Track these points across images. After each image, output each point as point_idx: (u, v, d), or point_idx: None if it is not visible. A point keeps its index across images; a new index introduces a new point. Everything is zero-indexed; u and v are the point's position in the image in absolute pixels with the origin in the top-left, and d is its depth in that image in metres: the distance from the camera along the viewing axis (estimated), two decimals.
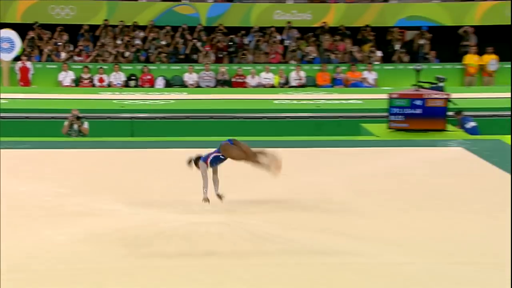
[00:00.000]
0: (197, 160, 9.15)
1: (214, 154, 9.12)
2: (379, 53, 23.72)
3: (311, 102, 18.54)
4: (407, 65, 22.18)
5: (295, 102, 18.64)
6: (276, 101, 18.74)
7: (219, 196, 9.17)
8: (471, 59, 22.61)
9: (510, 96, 18.56)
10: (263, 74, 22.55)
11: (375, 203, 9.79)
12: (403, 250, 7.91)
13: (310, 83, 22.46)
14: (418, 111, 14.73)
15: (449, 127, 14.93)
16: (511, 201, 9.43)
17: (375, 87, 21.88)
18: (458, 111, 15.68)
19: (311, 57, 23.63)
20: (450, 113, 15.06)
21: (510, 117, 16.07)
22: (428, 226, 8.79)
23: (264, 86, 22.29)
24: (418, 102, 14.75)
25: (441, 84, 16.58)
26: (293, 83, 22.33)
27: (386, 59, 23.75)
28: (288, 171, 11.38)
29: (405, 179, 11.08)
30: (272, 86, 22.29)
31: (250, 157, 9.14)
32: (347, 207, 9.50)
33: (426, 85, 15.82)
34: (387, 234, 8.50)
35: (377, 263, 7.56)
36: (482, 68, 22.65)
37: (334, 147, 13.45)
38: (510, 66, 22.72)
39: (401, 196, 10.12)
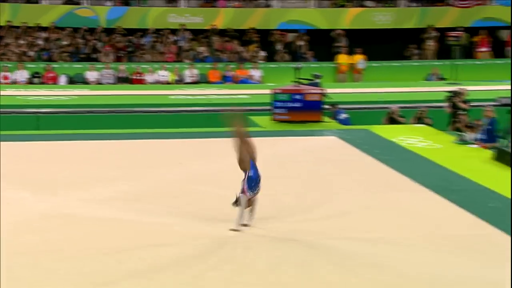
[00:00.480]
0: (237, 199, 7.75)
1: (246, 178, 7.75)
2: (263, 53, 23.94)
3: (204, 97, 18.50)
4: (288, 64, 22.48)
5: (189, 97, 18.54)
6: (171, 97, 18.58)
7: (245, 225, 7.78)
8: (343, 59, 23.18)
9: (377, 91, 19.17)
10: (160, 72, 22.28)
11: (262, 187, 9.86)
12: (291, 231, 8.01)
13: (203, 80, 22.38)
14: (298, 104, 15.00)
15: (325, 118, 15.27)
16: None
17: (260, 83, 22.07)
18: (333, 104, 16.05)
19: (203, 56, 23.57)
20: (325, 106, 15.40)
21: (380, 110, 16.57)
22: (307, 204, 8.94)
23: (160, 83, 22.04)
24: (298, 97, 15.01)
25: (317, 80, 16.91)
26: (187, 80, 22.19)
27: (270, 58, 24.00)
28: (183, 160, 11.37)
29: (288, 165, 11.26)
30: (168, 83, 22.07)
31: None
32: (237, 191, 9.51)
33: (305, 82, 16.10)
34: (269, 211, 8.60)
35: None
36: (352, 67, 23.27)
37: (225, 138, 13.45)
38: (378, 65, 23.47)
39: (284, 179, 10.26)
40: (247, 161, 7.88)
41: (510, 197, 9.13)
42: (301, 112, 14.97)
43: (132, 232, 7.80)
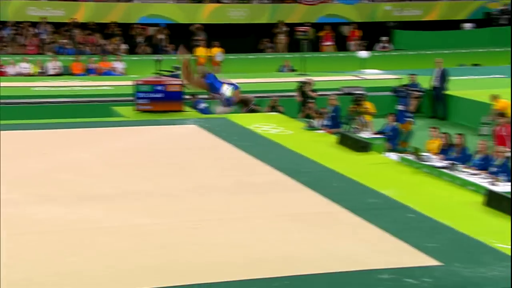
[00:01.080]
0: None
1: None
2: (125, 46, 23.50)
3: (67, 88, 17.88)
4: (149, 56, 22.23)
5: (52, 89, 17.85)
6: (34, 88, 17.79)
7: None
8: (201, 52, 23.24)
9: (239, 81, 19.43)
10: (22, 64, 21.23)
11: (126, 174, 9.78)
12: (147, 213, 7.99)
13: (66, 72, 21.58)
14: (160, 95, 14.94)
15: (186, 108, 15.29)
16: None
17: (123, 75, 21.66)
18: (193, 95, 16.09)
19: (66, 48, 22.74)
20: (186, 97, 15.42)
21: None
22: (168, 191, 8.96)
23: (22, 75, 21.00)
24: (159, 88, 14.95)
25: (178, 72, 16.88)
26: (50, 72, 21.32)
27: (132, 51, 23.61)
28: (47, 150, 10.98)
29: (151, 152, 11.20)
30: (30, 75, 21.08)
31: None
32: (101, 179, 9.37)
33: (166, 73, 16.04)
34: (135, 198, 8.55)
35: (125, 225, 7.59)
36: (211, 59, 23.40)
37: (89, 128, 13.15)
38: (235, 57, 23.77)
39: (148, 167, 10.21)
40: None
41: (354, 178, 9.65)
42: (162, 102, 14.92)
43: None
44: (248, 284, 6.04)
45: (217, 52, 23.30)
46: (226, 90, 7.18)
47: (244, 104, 7.26)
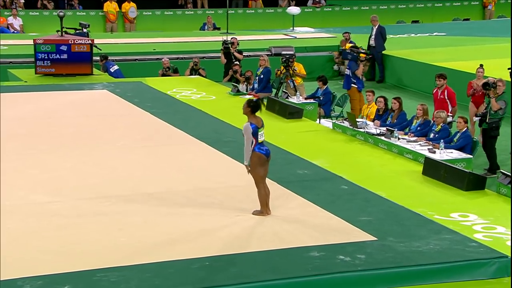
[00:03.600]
0: None
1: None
2: (22, 0, 22.71)
3: None
4: (52, 12, 21.56)
5: None
6: None
7: None
8: (110, 7, 22.71)
9: (151, 41, 19.12)
10: None
11: (24, 146, 9.51)
12: (44, 190, 7.82)
13: None
14: (64, 56, 14.50)
15: (95, 71, 14.96)
16: None
17: (20, 33, 20.94)
18: (103, 56, 15.75)
19: None
20: (95, 58, 15.08)
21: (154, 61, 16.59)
22: (72, 165, 8.77)
23: None
24: (63, 48, 14.50)
25: (85, 30, 16.47)
26: None
27: (31, 5, 22.83)
28: None
29: (54, 121, 10.93)
30: None
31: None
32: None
33: (71, 31, 15.59)
34: (31, 173, 8.34)
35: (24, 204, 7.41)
36: (123, 15, 22.93)
37: None
38: (150, 13, 23.36)
39: (49, 138, 9.96)
40: None
41: (282, 147, 9.71)
42: (67, 64, 14.51)
43: None
44: (165, 266, 6.02)
45: (129, 7, 22.83)
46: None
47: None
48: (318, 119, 12.23)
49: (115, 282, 5.69)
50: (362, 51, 13.98)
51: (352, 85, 13.15)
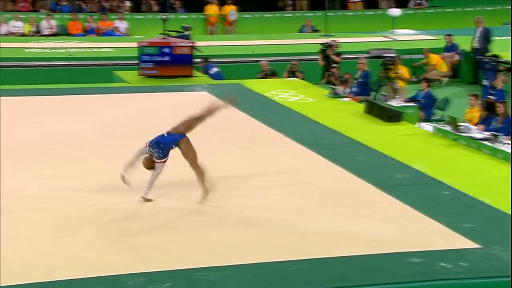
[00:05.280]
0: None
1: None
2: (128, 3, 23.40)
3: (64, 50, 17.88)
4: (155, 15, 22.14)
5: (46, 50, 17.85)
6: (27, 50, 17.81)
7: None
8: (211, 10, 23.08)
9: (250, 43, 19.30)
10: (12, 23, 21.24)
11: (124, 146, 9.74)
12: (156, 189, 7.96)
13: (62, 32, 21.59)
14: (167, 58, 14.85)
15: (195, 73, 15.22)
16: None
17: (126, 36, 21.60)
18: (203, 58, 16.02)
19: (61, 5, 22.68)
20: (196, 60, 15.34)
21: (253, 63, 16.73)
22: (172, 165, 8.90)
23: (14, 34, 21.03)
24: (166, 50, 14.85)
25: (187, 32, 16.80)
26: (45, 32, 21.32)
27: (136, 8, 23.50)
28: (40, 119, 11.00)
29: (155, 122, 11.15)
30: (23, 35, 21.10)
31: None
32: (96, 152, 9.35)
33: (174, 34, 15.94)
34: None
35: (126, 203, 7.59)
36: (223, 18, 23.25)
37: (87, 94, 13.16)
38: (250, 16, 23.58)
39: (149, 137, 10.16)
40: None
41: (382, 151, 9.56)
42: (170, 66, 14.84)
43: None
44: (263, 267, 6.02)
45: (230, 10, 23.11)
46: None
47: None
48: (418, 123, 11.97)
49: (213, 281, 5.74)
50: (502, 60, 13.21)
51: (490, 97, 12.24)
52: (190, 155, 7.48)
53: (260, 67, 15.86)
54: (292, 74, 15.74)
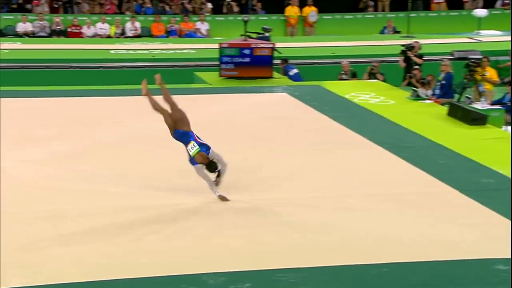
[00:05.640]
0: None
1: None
2: (209, 5, 23.67)
3: (147, 52, 18.24)
4: (236, 16, 22.32)
5: (131, 52, 18.27)
6: (112, 51, 18.27)
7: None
8: (291, 11, 23.08)
9: (330, 45, 19.22)
10: (99, 25, 21.84)
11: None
12: (226, 190, 8.02)
13: (146, 34, 22.05)
14: (247, 59, 14.93)
15: (275, 74, 15.26)
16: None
17: (207, 37, 21.87)
18: (283, 60, 16.03)
19: (145, 8, 23.16)
20: (275, 61, 15.37)
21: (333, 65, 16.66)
22: (253, 165, 8.97)
23: (100, 36, 21.63)
24: (246, 51, 14.93)
25: (267, 34, 16.85)
26: (129, 34, 21.83)
27: (217, 10, 23.75)
28: (123, 119, 11.26)
29: (235, 122, 11.26)
30: (109, 37, 21.67)
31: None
32: (178, 152, 9.46)
33: (254, 35, 16.01)
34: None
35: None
36: (303, 19, 23.21)
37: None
38: (330, 17, 23.47)
39: (231, 138, 10.27)
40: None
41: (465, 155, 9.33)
42: (250, 67, 14.91)
43: (68, 196, 7.71)
44: (343, 270, 5.98)
45: (310, 11, 23.06)
46: (191, 149, 7.49)
47: (208, 167, 7.47)
48: (504, 126, 11.62)
49: (293, 283, 5.73)
50: None
51: None
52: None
53: (341, 68, 15.75)
54: (372, 76, 15.56)
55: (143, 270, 5.93)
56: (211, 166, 7.49)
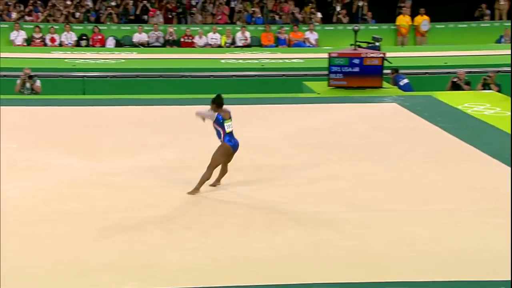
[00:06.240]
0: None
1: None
2: (319, 15, 23.65)
3: (256, 61, 18.43)
4: (346, 26, 22.18)
5: (240, 61, 18.51)
6: (222, 61, 18.58)
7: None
8: (403, 20, 22.69)
9: (442, 54, 18.76)
10: (210, 35, 22.28)
11: (313, 156, 9.83)
12: (334, 201, 7.95)
13: (255, 43, 22.30)
14: (356, 69, 14.77)
15: (385, 84, 15.03)
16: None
17: (316, 47, 21.85)
18: (393, 69, 15.77)
19: (255, 17, 23.42)
20: (385, 71, 15.14)
21: (445, 75, 16.24)
22: (359, 177, 8.84)
23: (211, 46, 22.06)
24: (356, 61, 14.78)
25: (377, 43, 16.61)
26: (239, 43, 22.15)
27: (326, 20, 23.69)
28: (233, 127, 11.37)
29: (343, 132, 11.15)
30: (219, 46, 22.07)
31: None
32: (286, 162, 9.49)
33: (364, 45, 15.84)
34: (322, 183, 8.54)
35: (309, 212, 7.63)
36: (415, 28, 22.78)
37: (278, 104, 13.44)
38: (443, 26, 22.92)
39: (338, 149, 10.18)
40: None
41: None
42: (359, 77, 14.74)
43: (180, 202, 7.87)
44: (452, 286, 5.77)
45: (422, 20, 22.59)
46: (228, 128, 8.13)
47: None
48: None
49: None
50: None
51: None
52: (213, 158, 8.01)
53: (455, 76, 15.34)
54: (487, 86, 15.04)
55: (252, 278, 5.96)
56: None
